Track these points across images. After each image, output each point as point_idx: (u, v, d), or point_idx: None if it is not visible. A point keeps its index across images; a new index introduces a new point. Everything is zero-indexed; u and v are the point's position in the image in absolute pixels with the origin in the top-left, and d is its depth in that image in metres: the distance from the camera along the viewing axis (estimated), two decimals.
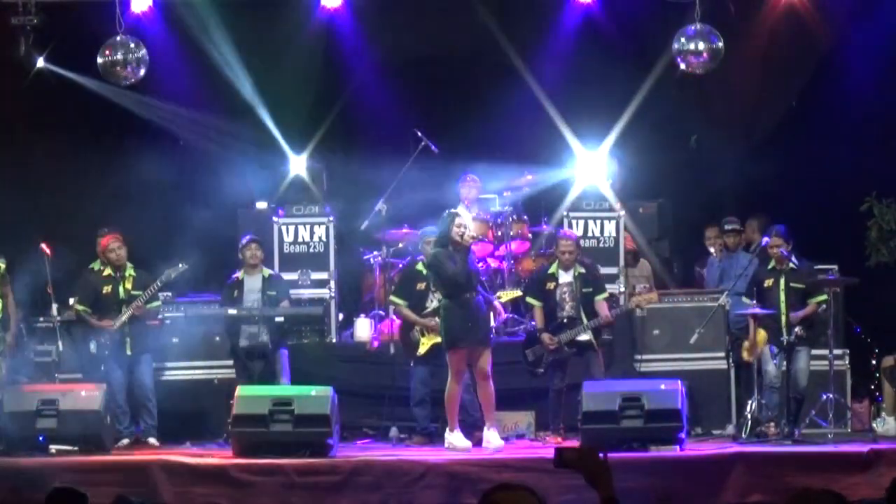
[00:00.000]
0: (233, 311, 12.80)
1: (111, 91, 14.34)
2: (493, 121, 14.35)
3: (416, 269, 12.75)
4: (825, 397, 12.27)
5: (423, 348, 12.59)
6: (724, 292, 13.18)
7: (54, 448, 11.88)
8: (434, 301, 12.37)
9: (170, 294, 13.60)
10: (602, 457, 4.80)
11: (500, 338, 12.86)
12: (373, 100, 14.72)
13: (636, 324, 13.37)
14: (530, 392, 12.86)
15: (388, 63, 14.74)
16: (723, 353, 13.35)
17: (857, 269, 13.48)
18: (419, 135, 14.29)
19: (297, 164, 15.16)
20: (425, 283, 12.53)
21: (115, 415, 12.60)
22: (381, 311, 13.92)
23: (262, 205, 14.80)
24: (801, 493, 4.97)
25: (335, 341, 14.01)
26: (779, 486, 10.56)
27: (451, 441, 11.81)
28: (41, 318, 13.46)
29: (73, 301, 13.16)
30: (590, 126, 14.66)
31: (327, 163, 15.12)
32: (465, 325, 11.67)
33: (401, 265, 14.06)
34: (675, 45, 13.82)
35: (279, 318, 12.78)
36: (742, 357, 12.71)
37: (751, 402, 12.30)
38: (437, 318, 12.13)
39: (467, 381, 11.95)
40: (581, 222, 13.92)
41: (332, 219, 14.23)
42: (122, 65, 13.87)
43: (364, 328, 13.93)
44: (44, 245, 13.02)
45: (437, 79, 15.03)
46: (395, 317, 13.60)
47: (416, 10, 14.75)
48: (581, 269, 12.57)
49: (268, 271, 13.26)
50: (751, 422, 12.20)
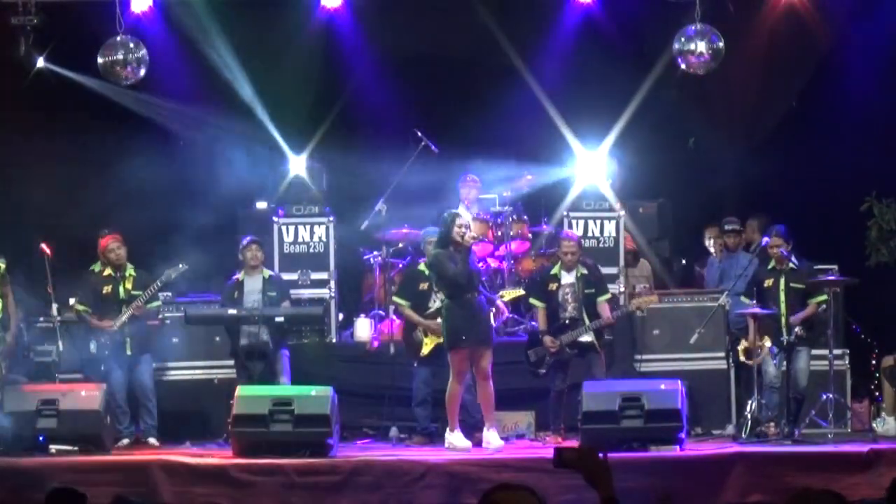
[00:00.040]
0: (233, 312, 12.80)
1: (111, 90, 14.34)
2: (492, 121, 14.34)
3: (419, 269, 12.75)
4: (825, 397, 12.26)
5: (426, 349, 12.59)
6: (724, 292, 13.18)
7: (54, 448, 11.86)
8: (437, 301, 12.36)
9: (170, 294, 13.61)
10: (602, 457, 4.79)
11: (499, 338, 12.82)
12: (373, 100, 14.72)
13: (636, 324, 13.36)
14: (530, 392, 12.85)
15: (388, 63, 14.73)
16: (723, 353, 13.35)
17: (857, 269, 13.47)
18: (419, 135, 14.29)
19: (297, 164, 15.15)
20: (428, 284, 12.53)
21: (115, 415, 12.60)
22: (381, 311, 13.92)
23: (262, 205, 14.81)
24: (801, 493, 4.97)
25: (335, 341, 14.01)
26: (779, 486, 10.56)
27: (452, 441, 11.81)
28: (41, 318, 13.46)
29: (73, 301, 13.15)
30: (590, 126, 14.65)
31: (327, 163, 15.11)
32: (467, 325, 11.66)
33: (401, 265, 14.08)
34: (676, 46, 13.82)
35: (279, 318, 12.77)
36: (741, 358, 12.70)
37: (751, 402, 12.29)
38: (439, 319, 12.14)
39: (469, 381, 11.95)
40: (581, 222, 13.92)
41: (332, 219, 14.23)
42: (122, 65, 13.87)
43: (364, 328, 13.93)
44: (44, 245, 13.02)
45: (437, 79, 15.03)
46: (395, 317, 13.61)
47: (416, 10, 14.75)
48: (583, 270, 12.56)
49: (268, 272, 13.25)
50: (751, 422, 12.20)
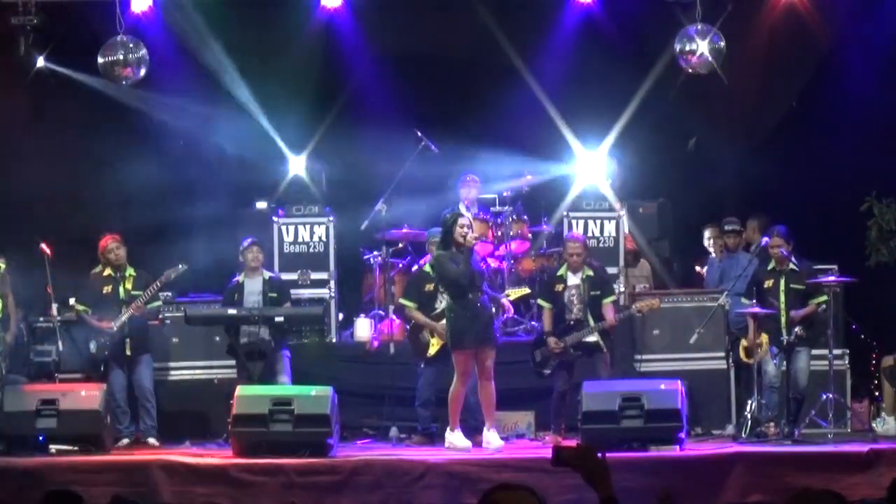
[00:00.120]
0: (233, 312, 12.79)
1: (112, 89, 14.33)
2: (492, 121, 14.34)
3: (424, 270, 12.76)
4: (825, 397, 12.26)
5: (433, 349, 12.57)
6: (724, 292, 13.18)
7: (54, 448, 11.86)
8: (443, 302, 12.33)
9: (170, 294, 13.60)
10: (600, 456, 4.78)
11: (499, 338, 12.81)
12: (373, 99, 14.71)
13: (636, 324, 13.36)
14: (530, 392, 12.86)
15: (388, 63, 14.71)
16: (723, 353, 13.35)
17: (857, 269, 13.45)
18: (419, 135, 14.30)
19: (297, 164, 15.16)
20: (434, 285, 12.52)
21: (115, 415, 12.60)
22: (381, 311, 13.92)
23: (261, 205, 14.80)
24: (801, 493, 4.97)
25: (335, 341, 14.01)
26: (779, 486, 10.56)
27: (452, 441, 11.80)
28: (41, 318, 13.47)
29: (73, 301, 13.16)
30: (590, 126, 14.65)
31: (327, 163, 15.11)
32: (470, 325, 11.66)
33: (401, 265, 14.08)
34: (677, 46, 13.79)
35: (279, 318, 12.76)
36: (741, 357, 12.70)
37: (751, 402, 12.29)
38: (444, 320, 12.13)
39: (474, 383, 11.93)
40: (581, 222, 13.93)
41: (332, 219, 14.23)
42: (122, 65, 13.87)
43: (364, 328, 13.93)
44: (44, 245, 13.02)
45: (437, 78, 15.02)
46: (394, 317, 13.62)
47: (416, 10, 14.75)
48: (589, 271, 12.54)
49: (268, 274, 13.24)
50: (751, 422, 12.20)
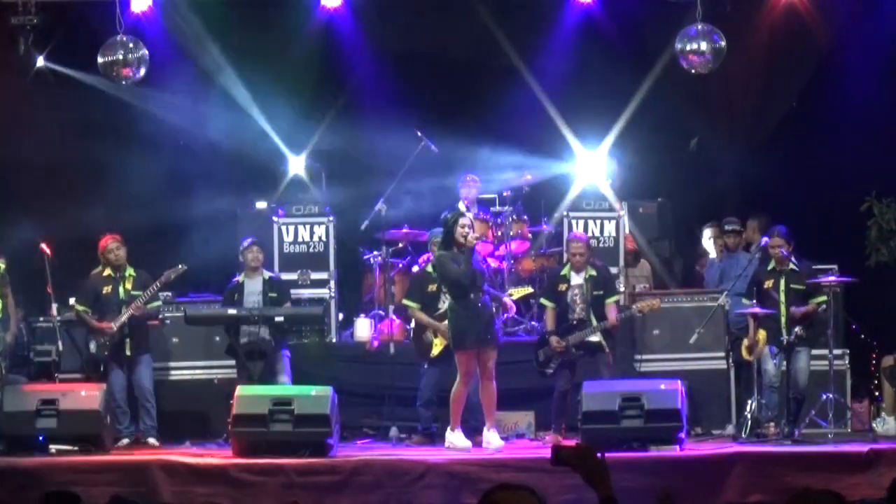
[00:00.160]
0: (232, 312, 12.79)
1: (112, 88, 14.32)
2: (492, 121, 14.35)
3: (426, 271, 12.76)
4: (825, 397, 12.25)
5: (437, 350, 12.56)
6: (724, 292, 13.17)
7: (54, 448, 11.85)
8: (446, 302, 12.32)
9: (170, 294, 13.60)
10: (599, 455, 4.77)
11: (501, 337, 12.83)
12: (372, 99, 14.72)
13: (636, 324, 13.35)
14: (530, 392, 12.86)
15: (388, 63, 14.73)
16: (723, 353, 13.34)
17: (857, 269, 13.45)
18: (419, 134, 14.30)
19: (297, 164, 15.16)
20: (436, 285, 12.51)
21: (115, 415, 12.59)
22: (381, 311, 13.92)
23: (261, 205, 14.79)
24: (801, 493, 4.97)
25: (335, 341, 14.00)
26: (779, 486, 10.56)
27: (452, 440, 11.80)
28: (41, 318, 13.47)
29: (73, 301, 13.16)
30: (590, 126, 14.65)
31: (326, 162, 15.11)
32: (472, 325, 11.66)
33: (401, 265, 14.08)
34: (678, 45, 13.75)
35: (279, 318, 12.76)
36: (742, 356, 12.70)
37: (751, 402, 12.28)
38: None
39: (475, 384, 11.91)
40: (581, 222, 13.91)
41: (332, 219, 14.22)
42: (122, 65, 13.85)
43: (364, 328, 13.92)
44: (44, 245, 13.02)
45: (437, 78, 15.02)
46: (394, 317, 13.62)
47: (415, 10, 14.75)
48: (593, 271, 12.53)
49: (268, 274, 13.23)
50: (751, 422, 12.19)
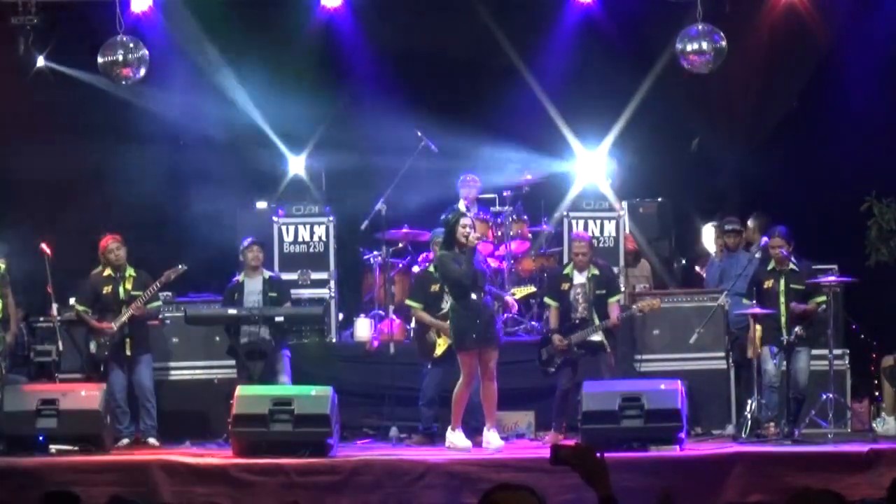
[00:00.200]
0: (233, 312, 12.79)
1: (112, 88, 14.31)
2: (492, 120, 14.35)
3: (429, 271, 12.76)
4: (825, 397, 12.24)
5: (440, 350, 12.56)
6: (724, 292, 13.17)
7: (54, 448, 11.85)
8: (449, 302, 12.33)
9: (170, 294, 13.60)
10: (599, 455, 4.77)
11: (502, 337, 12.83)
12: (372, 99, 14.73)
13: (636, 324, 13.35)
14: (530, 392, 12.86)
15: (388, 62, 14.73)
16: (723, 353, 13.34)
17: (857, 269, 13.45)
18: (419, 134, 14.30)
19: (297, 164, 15.17)
20: (438, 285, 12.51)
21: (115, 415, 12.59)
22: (381, 311, 13.92)
23: (262, 205, 14.80)
24: (801, 493, 4.97)
25: (335, 341, 14.01)
26: (779, 486, 10.55)
27: (452, 440, 11.80)
28: (41, 318, 13.47)
29: (73, 301, 13.16)
30: (590, 126, 14.66)
31: (327, 162, 15.11)
32: (473, 325, 11.66)
33: (401, 265, 14.08)
34: (679, 45, 13.75)
35: (279, 318, 12.76)
36: (742, 355, 12.69)
37: (751, 401, 12.28)
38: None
39: (476, 385, 11.91)
40: (581, 222, 13.91)
41: (332, 219, 14.22)
42: (122, 65, 13.86)
43: (364, 328, 13.93)
44: (44, 245, 13.02)
45: (437, 78, 15.03)
46: (394, 317, 13.62)
47: (415, 10, 14.76)
48: (595, 270, 12.54)
49: (268, 273, 13.23)
50: (751, 422, 12.19)
